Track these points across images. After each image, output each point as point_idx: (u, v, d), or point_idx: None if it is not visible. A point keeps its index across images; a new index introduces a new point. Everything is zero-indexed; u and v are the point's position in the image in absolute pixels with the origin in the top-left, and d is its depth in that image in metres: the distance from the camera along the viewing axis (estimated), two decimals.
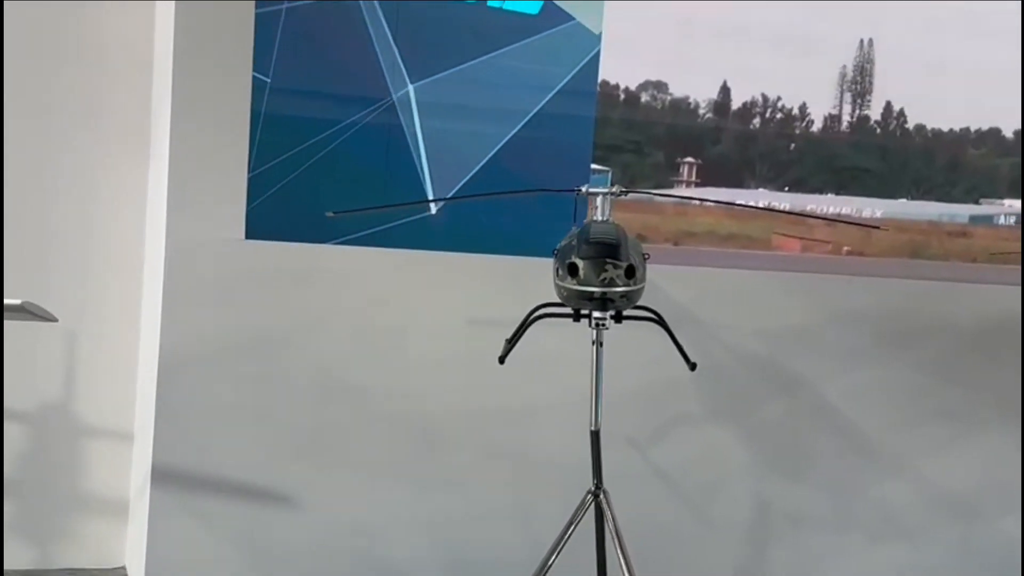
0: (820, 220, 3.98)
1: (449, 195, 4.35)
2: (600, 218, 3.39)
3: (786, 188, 5.13)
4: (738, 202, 3.97)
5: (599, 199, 3.41)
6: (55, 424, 4.68)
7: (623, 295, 3.22)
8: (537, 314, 3.51)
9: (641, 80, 4.92)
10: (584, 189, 3.44)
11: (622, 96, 4.89)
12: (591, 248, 3.16)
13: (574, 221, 3.81)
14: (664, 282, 4.44)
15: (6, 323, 4.23)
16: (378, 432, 4.42)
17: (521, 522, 4.29)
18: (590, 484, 3.97)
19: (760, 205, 4.25)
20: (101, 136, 4.61)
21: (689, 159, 5.05)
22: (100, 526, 4.74)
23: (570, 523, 3.60)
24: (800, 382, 4.82)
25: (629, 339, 4.11)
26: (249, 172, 4.23)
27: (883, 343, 4.85)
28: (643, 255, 3.36)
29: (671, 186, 5.05)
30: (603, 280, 3.13)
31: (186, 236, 4.18)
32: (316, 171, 4.30)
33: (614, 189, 3.43)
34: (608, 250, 3.15)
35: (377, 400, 4.40)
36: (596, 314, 3.21)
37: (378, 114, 4.35)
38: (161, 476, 4.26)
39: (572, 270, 3.17)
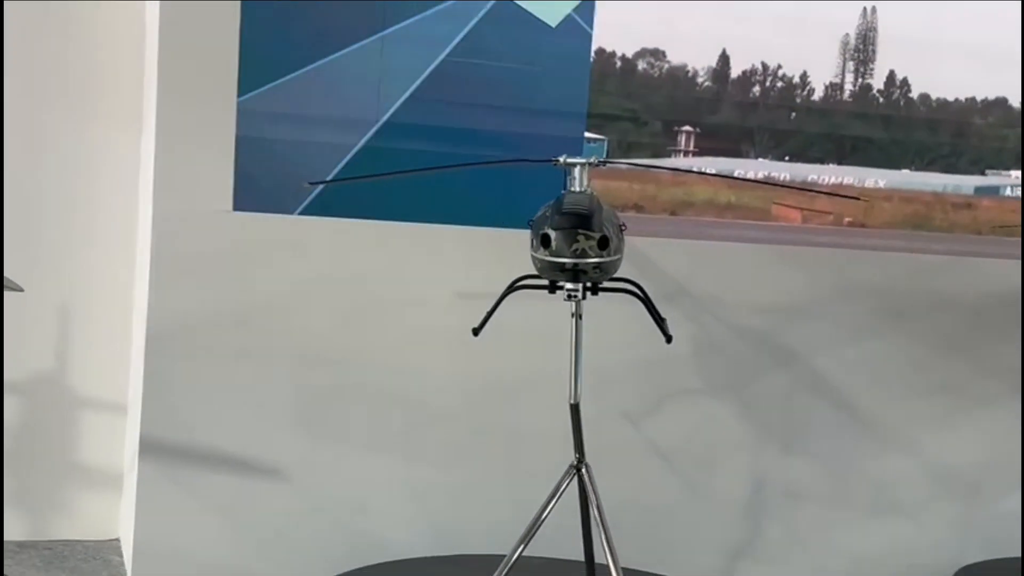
0: (803, 191, 3.86)
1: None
2: (578, 188, 3.32)
3: (786, 158, 5.06)
4: (723, 173, 3.87)
5: (576, 169, 3.35)
6: (49, 397, 4.70)
7: (596, 266, 3.18)
8: (514, 286, 3.47)
9: (638, 48, 4.82)
10: (562, 159, 3.38)
11: (618, 64, 4.81)
12: (563, 219, 3.12)
13: (564, 185, 3.67)
14: (657, 254, 4.53)
15: None
16: (367, 406, 4.41)
17: (512, 497, 4.20)
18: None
19: (747, 176, 4.12)
20: (94, 109, 4.60)
21: (687, 127, 4.98)
22: (94, 498, 4.77)
23: (551, 497, 3.57)
24: (797, 356, 4.77)
25: (623, 312, 4.05)
26: (236, 141, 4.20)
27: (884, 317, 4.80)
28: (619, 226, 3.31)
29: (668, 155, 4.97)
30: (575, 251, 3.10)
31: (173, 208, 4.17)
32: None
33: (592, 159, 3.37)
34: (580, 220, 3.11)
35: (365, 374, 4.38)
36: (568, 285, 3.19)
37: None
38: (149, 449, 4.26)
39: (545, 241, 3.14)
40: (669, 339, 3.47)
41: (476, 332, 3.47)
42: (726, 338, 4.71)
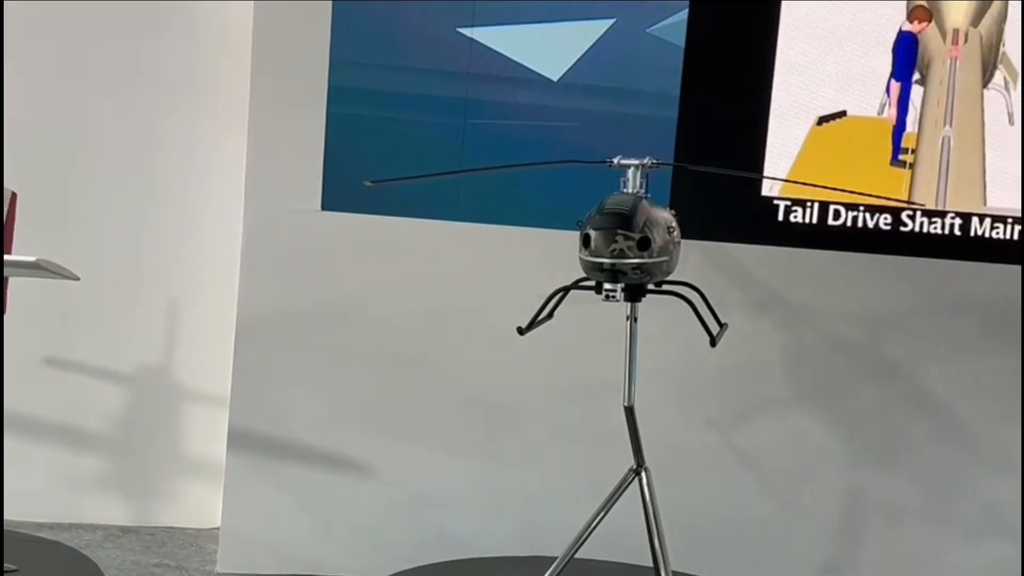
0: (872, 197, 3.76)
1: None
2: (630, 190, 3.32)
3: None
4: (786, 177, 3.78)
5: (630, 171, 3.36)
6: (158, 388, 4.88)
7: (636, 268, 3.15)
8: (562, 287, 3.50)
9: None
10: (616, 160, 3.38)
11: None
12: (603, 218, 3.12)
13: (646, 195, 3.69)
14: (749, 261, 4.48)
15: (94, 287, 4.49)
16: (449, 405, 4.45)
17: (592, 499, 4.12)
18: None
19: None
20: (206, 110, 4.76)
21: None
22: (198, 487, 4.91)
23: (607, 501, 3.58)
24: (897, 370, 4.62)
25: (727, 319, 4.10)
26: (327, 146, 4.31)
27: (991, 331, 4.60)
28: (668, 228, 3.27)
29: None
30: (613, 251, 3.07)
31: (264, 207, 4.29)
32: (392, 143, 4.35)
33: (645, 161, 3.36)
34: (620, 220, 3.10)
35: (449, 373, 4.43)
36: (607, 286, 3.17)
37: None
38: (237, 440, 4.40)
39: (585, 240, 3.14)
40: (714, 343, 3.42)
41: (522, 331, 3.47)
42: (820, 348, 4.59)
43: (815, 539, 4.64)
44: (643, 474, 3.57)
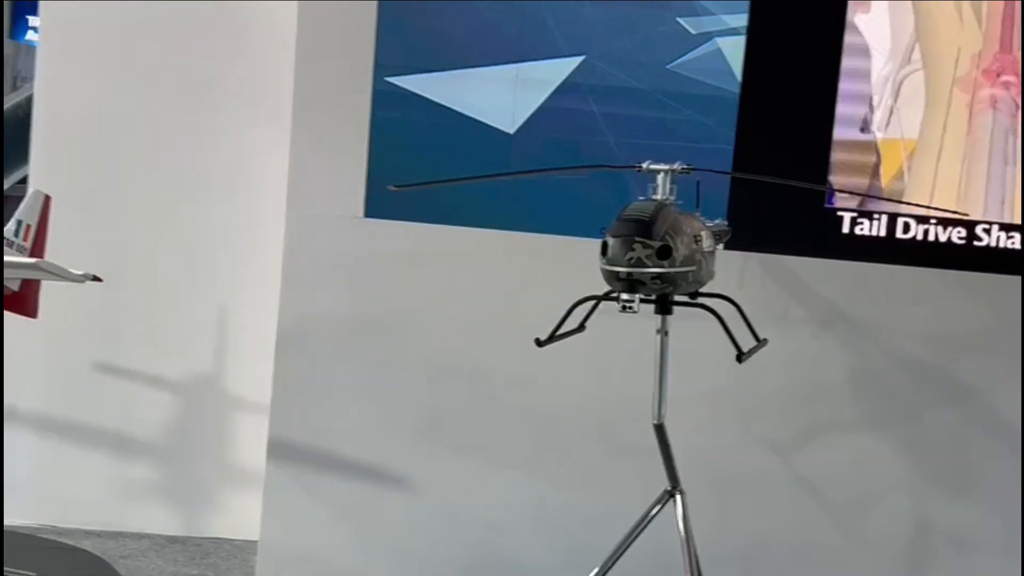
0: (911, 206, 3.56)
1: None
2: (659, 196, 3.18)
3: None
4: (818, 185, 3.61)
5: (659, 176, 3.21)
6: (207, 395, 4.85)
7: (656, 277, 2.97)
8: (585, 298, 3.35)
9: None
10: (645, 165, 3.25)
11: None
12: (621, 225, 2.99)
13: (696, 205, 3.60)
14: (810, 275, 4.31)
15: (148, 299, 4.48)
16: (497, 420, 4.37)
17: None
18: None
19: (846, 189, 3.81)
20: (254, 113, 4.71)
21: None
22: (247, 498, 4.81)
23: (639, 522, 3.46)
24: (969, 392, 4.40)
25: (777, 336, 3.92)
26: (370, 152, 4.23)
27: None
28: (695, 237, 3.10)
29: None
30: (630, 260, 2.94)
31: (306, 213, 4.23)
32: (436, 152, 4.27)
33: (675, 166, 3.22)
34: (638, 227, 2.95)
35: (497, 387, 4.34)
36: (623, 296, 2.99)
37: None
38: (277, 451, 4.33)
39: (604, 248, 3.00)
40: (740, 359, 3.26)
41: (540, 344, 3.32)
42: (887, 368, 4.41)
43: (881, 570, 4.45)
44: (678, 496, 3.42)
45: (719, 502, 4.32)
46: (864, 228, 4.38)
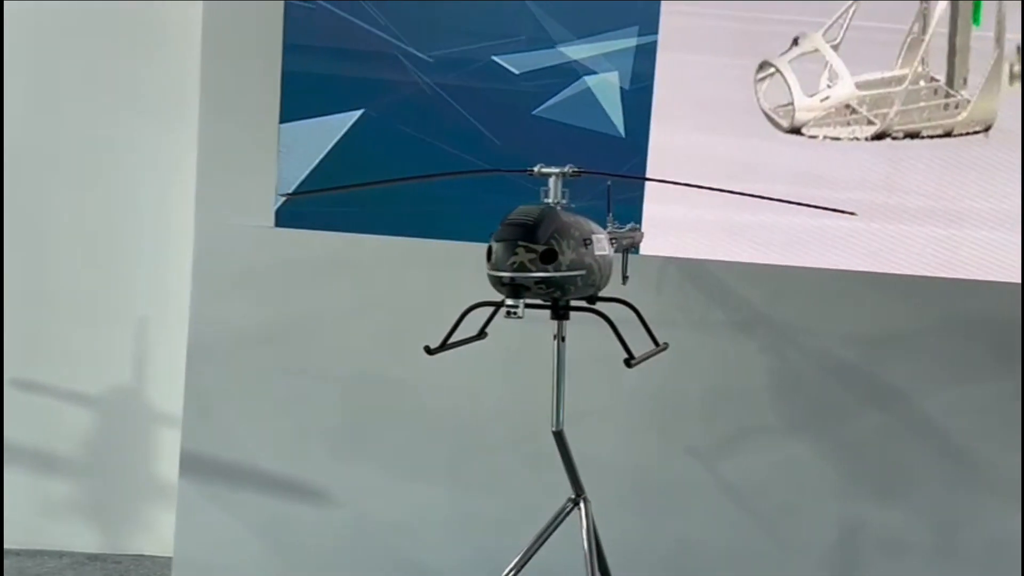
0: (792, 205, 3.50)
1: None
2: (551, 200, 3.08)
3: None
4: (729, 189, 3.54)
5: (551, 180, 3.10)
6: (127, 410, 4.75)
7: (540, 282, 2.89)
8: (476, 304, 3.26)
9: None
10: (537, 169, 3.14)
11: None
12: (504, 230, 2.88)
13: (608, 211, 3.62)
14: (732, 278, 4.23)
15: (63, 313, 4.43)
16: (412, 429, 4.28)
17: (562, 528, 3.97)
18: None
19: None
20: (164, 121, 4.60)
21: None
22: (168, 513, 4.68)
23: (543, 531, 3.34)
24: (896, 395, 4.33)
25: (697, 341, 4.16)
26: (278, 158, 4.16)
27: (996, 353, 4.31)
28: (585, 241, 3.00)
29: None
30: (513, 264, 2.84)
31: (215, 223, 4.15)
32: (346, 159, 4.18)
33: (567, 169, 3.11)
34: (521, 232, 2.85)
35: (410, 396, 4.25)
36: (508, 302, 2.90)
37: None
38: (189, 465, 4.25)
39: (489, 254, 2.91)
40: (630, 363, 3.14)
41: (431, 351, 3.23)
42: (811, 373, 4.32)
43: (810, 574, 4.38)
44: (582, 504, 3.33)
45: (641, 509, 4.28)
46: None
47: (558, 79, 4.21)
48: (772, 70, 4.24)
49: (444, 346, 3.23)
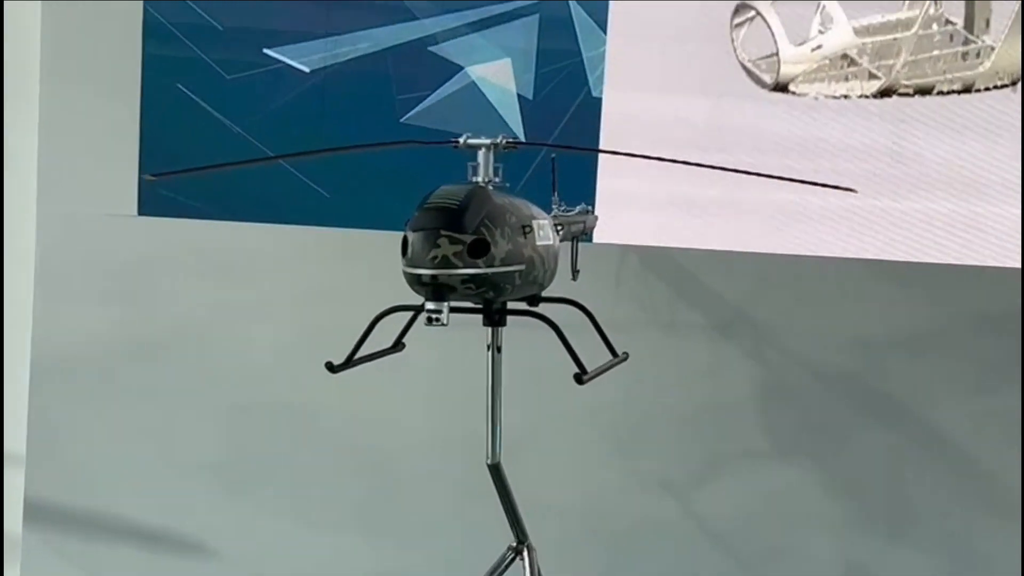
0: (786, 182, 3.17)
1: None
2: (481, 178, 2.78)
3: None
4: (700, 163, 3.17)
5: (480, 153, 2.79)
6: None
7: (468, 280, 2.58)
8: (388, 309, 2.93)
9: None
10: (462, 140, 2.82)
11: None
12: (423, 216, 2.58)
13: (554, 191, 3.35)
14: (703, 269, 3.92)
15: None
16: (314, 466, 3.91)
17: None
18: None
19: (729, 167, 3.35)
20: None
21: None
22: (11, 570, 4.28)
23: None
24: (908, 409, 3.94)
25: (664, 348, 3.88)
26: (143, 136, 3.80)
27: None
28: (523, 228, 2.72)
29: None
30: (433, 259, 2.55)
31: (62, 213, 3.82)
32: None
33: (499, 139, 2.80)
34: (442, 218, 2.56)
35: (311, 424, 3.89)
36: (429, 306, 2.58)
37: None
38: (35, 514, 3.85)
39: (404, 246, 2.60)
40: (581, 379, 2.80)
41: (334, 369, 2.92)
42: (804, 383, 3.94)
43: None
44: (526, 553, 3.05)
45: (599, 558, 3.96)
46: None
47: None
48: (752, 13, 3.90)
49: (351, 362, 2.94)
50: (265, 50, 3.75)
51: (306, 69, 3.75)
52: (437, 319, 2.59)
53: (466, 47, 3.79)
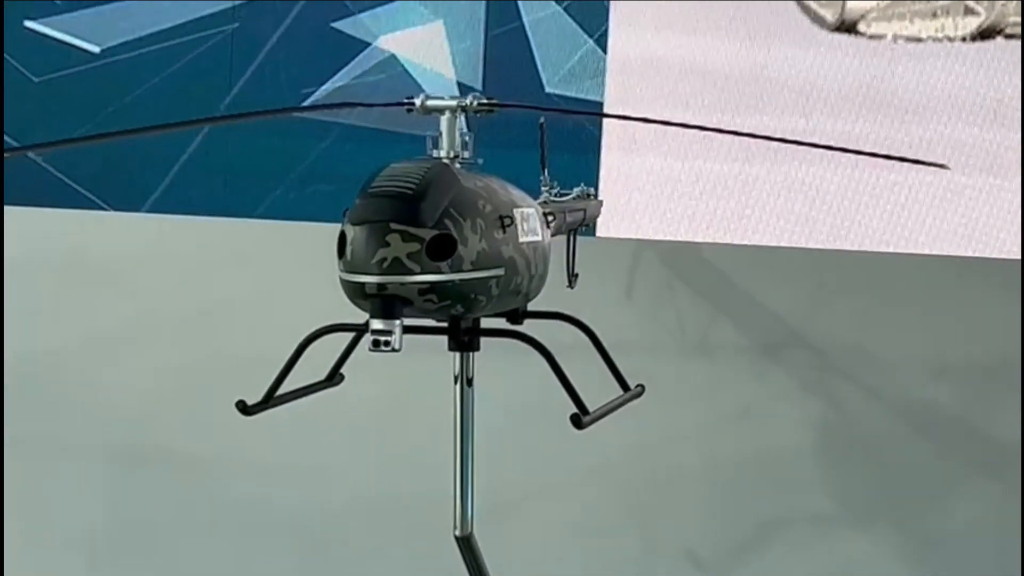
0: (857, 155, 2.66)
1: None
2: (444, 153, 2.37)
3: None
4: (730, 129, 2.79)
5: (443, 119, 2.38)
6: None
7: (427, 290, 2.13)
8: (319, 330, 2.46)
9: None
10: (419, 102, 2.38)
11: None
12: (367, 205, 2.13)
13: (543, 168, 2.91)
14: (745, 270, 3.38)
15: None
16: (224, 534, 3.43)
17: None
18: None
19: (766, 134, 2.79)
20: None
21: None
22: None
23: None
24: (1003, 450, 3.42)
25: (692, 378, 3.44)
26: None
27: None
28: (501, 219, 2.30)
29: None
30: (382, 262, 2.10)
31: None
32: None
33: (468, 101, 2.37)
34: (393, 208, 2.11)
35: (219, 480, 3.46)
36: (375, 325, 2.14)
37: None
38: None
39: (341, 245, 2.19)
40: (580, 422, 2.24)
41: (248, 410, 2.41)
42: (877, 424, 3.40)
43: None
44: None
45: None
46: None
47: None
48: None
49: (271, 400, 2.45)
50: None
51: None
52: (386, 343, 2.15)
53: None
